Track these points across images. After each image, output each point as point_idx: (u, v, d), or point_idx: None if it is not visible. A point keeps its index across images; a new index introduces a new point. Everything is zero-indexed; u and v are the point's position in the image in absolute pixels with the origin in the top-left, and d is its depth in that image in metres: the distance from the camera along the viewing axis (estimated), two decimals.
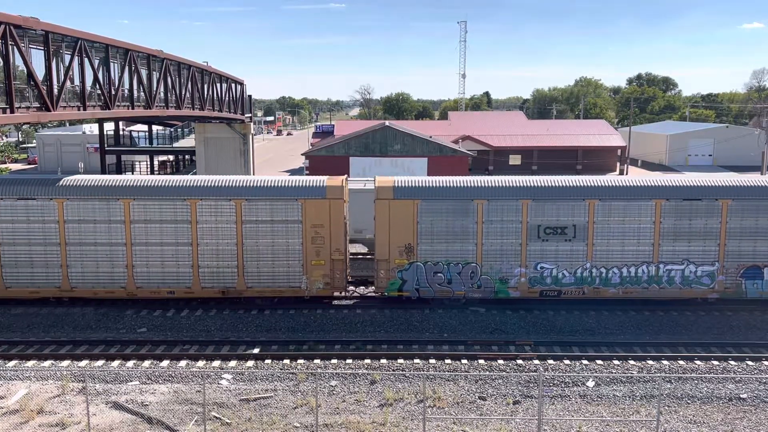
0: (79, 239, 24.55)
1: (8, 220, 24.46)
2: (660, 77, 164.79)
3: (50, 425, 16.60)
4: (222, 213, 24.48)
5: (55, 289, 24.91)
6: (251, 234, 24.54)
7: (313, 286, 24.86)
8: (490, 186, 24.86)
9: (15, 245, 24.59)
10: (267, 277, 24.82)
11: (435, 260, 24.72)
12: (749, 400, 18.06)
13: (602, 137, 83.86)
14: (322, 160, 58.50)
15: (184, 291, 24.98)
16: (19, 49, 20.14)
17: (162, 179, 25.37)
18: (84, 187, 24.67)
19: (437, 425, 16.67)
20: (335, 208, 24.49)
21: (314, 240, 24.52)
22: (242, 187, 24.71)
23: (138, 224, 24.49)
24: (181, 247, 24.64)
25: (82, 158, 77.09)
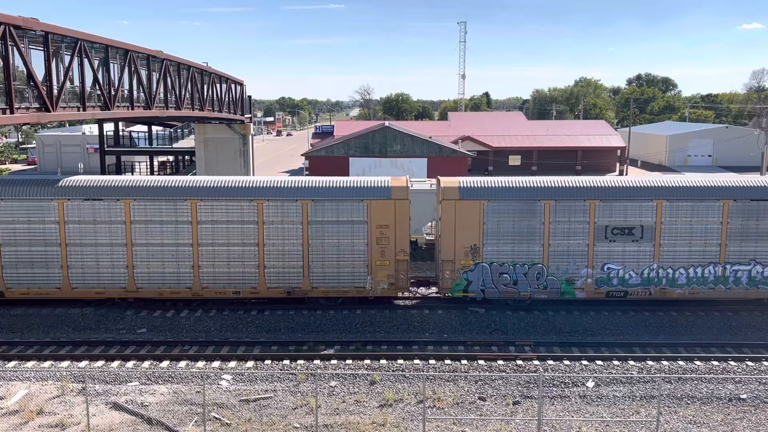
0: (145, 240, 24.57)
1: (75, 221, 24.49)
2: (660, 78, 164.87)
3: (50, 426, 16.60)
4: (289, 213, 24.51)
5: (121, 290, 24.93)
6: (317, 234, 24.59)
7: (378, 286, 24.87)
8: (557, 186, 24.80)
9: (82, 246, 24.58)
10: (332, 278, 24.86)
11: (501, 261, 24.70)
12: (749, 401, 18.06)
13: (602, 138, 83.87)
14: (322, 161, 58.49)
15: (249, 291, 24.97)
16: (19, 49, 20.13)
17: (229, 180, 25.35)
18: (149, 188, 24.71)
19: (437, 426, 16.67)
20: (400, 208, 24.53)
21: (379, 240, 24.58)
22: (309, 188, 24.75)
23: (205, 225, 24.51)
24: (248, 248, 24.64)
25: (82, 159, 77.12)
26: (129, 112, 29.76)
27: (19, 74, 20.86)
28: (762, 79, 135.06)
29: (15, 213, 24.39)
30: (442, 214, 24.79)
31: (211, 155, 50.12)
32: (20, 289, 24.82)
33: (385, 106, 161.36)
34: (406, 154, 57.56)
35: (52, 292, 24.86)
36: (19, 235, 24.50)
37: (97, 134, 60.67)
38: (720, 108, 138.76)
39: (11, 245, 24.54)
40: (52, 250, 24.59)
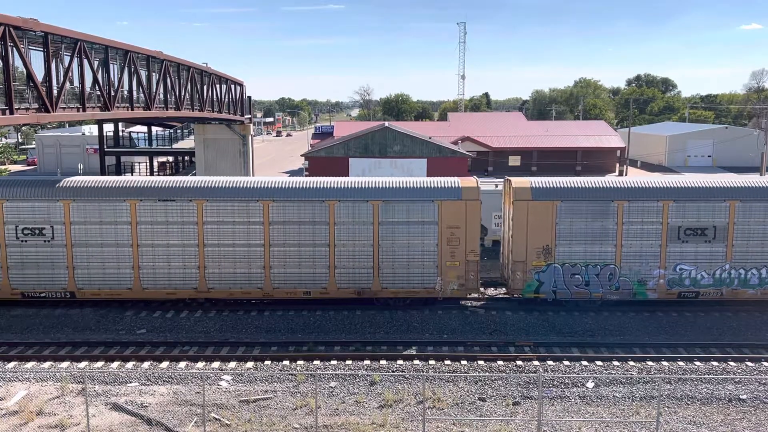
0: (217, 241, 24.60)
1: (148, 221, 24.54)
2: (659, 78, 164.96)
3: (50, 426, 16.59)
4: (359, 214, 24.55)
5: (192, 290, 24.96)
6: (387, 235, 24.62)
7: (448, 287, 24.84)
8: (631, 187, 24.79)
9: (154, 247, 24.66)
10: (402, 278, 24.88)
11: (573, 262, 24.70)
12: (749, 401, 18.06)
13: (601, 138, 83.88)
14: (322, 161, 58.46)
15: (319, 292, 25.00)
16: (19, 50, 20.12)
17: (301, 181, 25.39)
18: (222, 189, 24.77)
19: (437, 426, 16.66)
20: (471, 209, 24.52)
21: (449, 241, 24.55)
22: (380, 189, 24.79)
23: (277, 226, 24.55)
24: (318, 248, 24.67)
25: (82, 159, 77.12)
26: (129, 112, 29.75)
27: (18, 75, 20.85)
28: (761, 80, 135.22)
29: (87, 214, 24.44)
30: (513, 215, 24.76)
31: (210, 156, 50.11)
32: (91, 290, 24.89)
33: (385, 107, 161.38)
34: (405, 155, 57.54)
35: (123, 292, 24.94)
36: (91, 236, 24.54)
37: (96, 135, 60.68)
38: (720, 108, 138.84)
39: (83, 246, 24.59)
40: (124, 251, 24.65)
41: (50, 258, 24.66)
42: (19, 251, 24.61)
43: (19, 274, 24.73)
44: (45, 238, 24.52)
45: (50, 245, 24.57)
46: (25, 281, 24.78)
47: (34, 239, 24.53)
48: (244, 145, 50.79)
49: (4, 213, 24.38)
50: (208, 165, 49.65)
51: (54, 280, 24.79)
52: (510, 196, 25.25)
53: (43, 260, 24.67)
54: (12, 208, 24.40)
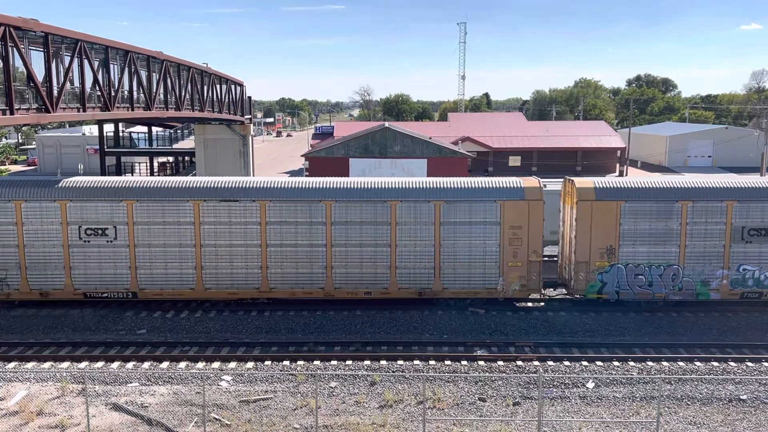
0: (279, 241, 24.61)
1: (211, 222, 24.57)
2: (659, 78, 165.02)
3: (50, 427, 16.59)
4: (421, 214, 24.51)
5: (254, 290, 24.96)
6: (449, 235, 24.55)
7: (510, 287, 24.77)
8: (695, 187, 24.72)
9: (216, 247, 24.65)
10: (463, 279, 24.82)
11: (636, 262, 24.65)
12: (749, 401, 18.06)
13: (602, 138, 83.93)
14: (322, 162, 58.50)
15: (380, 292, 24.97)
16: (19, 50, 20.13)
17: (364, 181, 25.39)
18: (285, 190, 24.76)
19: (437, 426, 16.66)
20: (534, 209, 24.46)
21: (512, 241, 24.48)
22: (443, 189, 24.74)
23: (339, 226, 24.55)
24: (380, 248, 24.67)
25: (82, 160, 77.14)
26: (129, 113, 29.77)
27: (19, 75, 20.87)
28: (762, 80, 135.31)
29: (151, 214, 24.47)
30: (577, 215, 24.68)
31: (211, 156, 50.13)
32: (153, 290, 24.92)
33: (385, 107, 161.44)
34: (406, 155, 57.56)
35: (186, 292, 24.97)
36: (154, 236, 24.56)
37: (97, 135, 60.69)
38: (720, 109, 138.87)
39: (146, 246, 24.61)
40: (187, 251, 24.66)
41: (113, 258, 24.67)
42: (82, 252, 24.61)
43: (82, 275, 24.74)
44: (108, 238, 24.53)
45: (113, 245, 24.59)
46: (87, 282, 24.79)
47: (97, 239, 24.53)
48: (244, 145, 50.81)
49: (68, 213, 24.40)
50: (208, 165, 49.66)
51: (116, 280, 24.81)
52: (573, 197, 25.15)
53: (106, 260, 24.68)
54: (75, 208, 24.40)
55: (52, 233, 24.51)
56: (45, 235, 24.53)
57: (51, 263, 24.66)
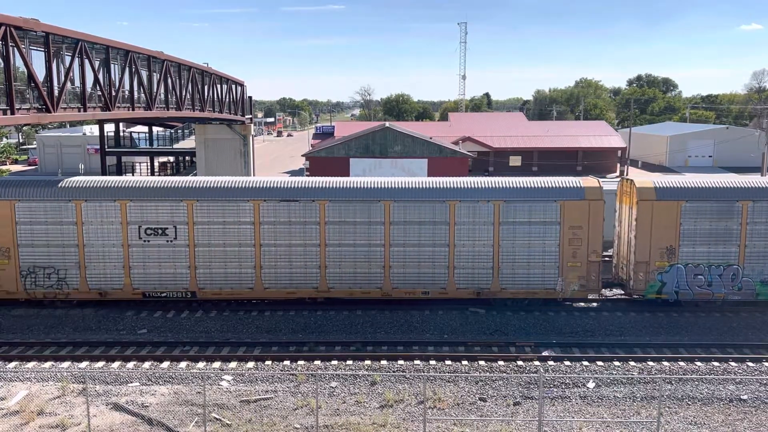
0: (338, 241, 24.63)
1: (271, 221, 24.56)
2: (660, 78, 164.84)
3: (50, 426, 16.60)
4: (480, 214, 24.48)
5: (312, 290, 24.99)
6: (508, 235, 24.54)
7: (569, 288, 24.72)
8: (755, 187, 24.75)
9: (276, 246, 24.68)
10: (522, 279, 24.80)
11: (696, 262, 24.66)
12: (750, 402, 18.05)
13: (602, 138, 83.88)
14: (323, 162, 58.48)
15: (438, 292, 24.94)
16: (20, 50, 20.14)
17: (422, 181, 25.33)
18: (344, 190, 24.85)
19: (437, 426, 16.66)
20: (594, 209, 24.40)
21: (572, 242, 24.45)
22: (502, 189, 24.71)
23: (397, 226, 24.56)
24: (438, 249, 24.63)
25: (83, 159, 77.16)
26: (130, 112, 29.77)
27: (19, 75, 20.87)
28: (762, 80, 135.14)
29: (211, 214, 24.51)
30: (637, 215, 24.67)
31: (211, 156, 50.13)
32: (212, 290, 24.95)
33: (386, 107, 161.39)
34: (406, 155, 57.54)
35: (244, 292, 25.02)
36: (214, 236, 24.60)
37: (97, 135, 60.72)
38: (720, 109, 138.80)
39: (205, 246, 24.65)
40: (247, 251, 24.70)
41: (172, 258, 24.71)
42: (141, 251, 24.67)
43: (141, 274, 24.79)
44: (168, 238, 24.58)
45: (173, 245, 24.63)
46: (146, 281, 24.84)
47: (157, 239, 24.59)
48: (244, 145, 50.80)
49: (128, 213, 24.48)
50: (208, 165, 49.66)
51: (176, 280, 24.84)
52: (633, 197, 25.16)
53: (166, 260, 24.72)
54: (135, 208, 24.48)
55: (112, 233, 24.58)
56: (105, 235, 24.61)
57: (110, 263, 24.72)
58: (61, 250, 24.63)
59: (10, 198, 24.39)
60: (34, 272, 24.73)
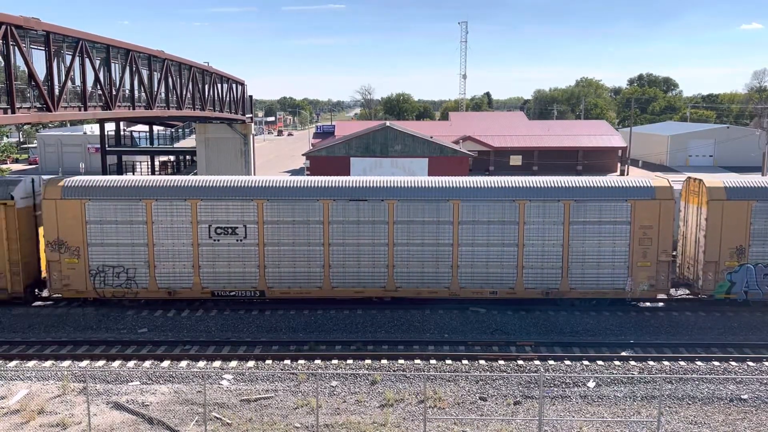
0: (406, 240, 24.63)
1: (339, 221, 24.62)
2: (661, 78, 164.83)
3: (51, 425, 16.61)
4: (550, 214, 24.45)
5: (380, 289, 24.98)
6: (578, 235, 24.48)
7: (638, 288, 24.65)
8: None
9: (344, 246, 24.69)
10: (591, 279, 24.74)
11: (766, 262, 24.64)
12: (750, 401, 18.05)
13: (603, 138, 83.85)
14: (323, 161, 58.46)
15: (506, 292, 24.90)
16: (21, 49, 20.16)
17: (491, 180, 25.26)
18: (413, 189, 24.75)
19: (438, 426, 16.66)
20: (665, 209, 24.31)
21: (642, 241, 24.37)
22: (572, 188, 24.66)
23: (466, 225, 24.53)
24: (507, 248, 24.60)
25: (83, 158, 77.19)
26: (130, 112, 29.80)
27: (20, 74, 20.89)
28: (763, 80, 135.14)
29: (281, 213, 24.54)
30: (707, 215, 24.63)
31: (212, 155, 50.17)
32: (281, 289, 24.98)
33: (386, 106, 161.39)
34: (407, 154, 57.53)
35: (313, 291, 25.02)
36: (283, 235, 24.63)
37: (98, 134, 60.76)
38: (721, 108, 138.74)
39: (274, 245, 24.68)
40: (315, 250, 24.71)
41: (242, 257, 24.73)
42: (211, 250, 24.68)
43: (211, 273, 24.80)
44: (237, 237, 24.59)
45: (242, 244, 24.64)
46: (216, 280, 24.86)
47: (227, 238, 24.60)
48: (245, 144, 50.84)
49: (198, 212, 24.48)
50: (209, 164, 49.71)
51: (245, 279, 24.85)
52: (702, 196, 25.11)
53: (235, 259, 24.74)
54: (206, 207, 24.49)
55: (182, 232, 24.60)
56: (175, 234, 24.63)
57: (180, 262, 24.75)
58: (131, 249, 24.66)
59: (81, 197, 24.40)
60: (103, 271, 24.75)
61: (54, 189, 24.46)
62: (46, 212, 24.47)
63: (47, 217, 24.46)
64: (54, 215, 24.37)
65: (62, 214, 24.35)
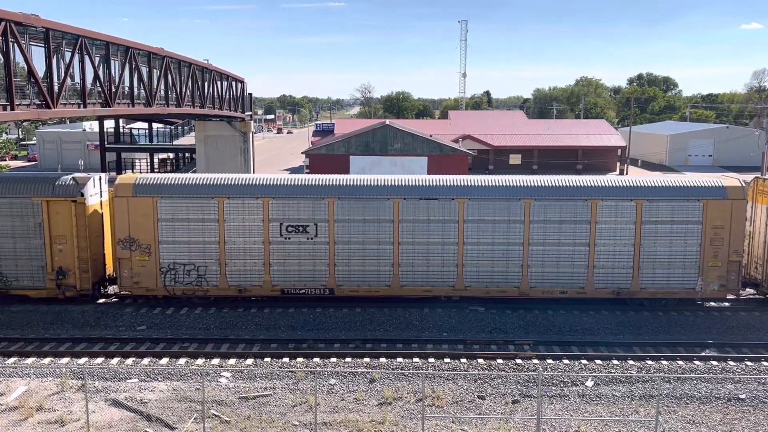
0: (476, 239, 24.58)
1: (410, 219, 24.56)
2: (660, 77, 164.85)
3: (49, 422, 16.61)
4: (622, 213, 24.39)
5: (449, 288, 24.94)
6: (650, 234, 24.43)
7: (708, 288, 24.64)
8: None
9: (414, 244, 24.67)
10: (661, 279, 24.73)
11: None
12: (748, 401, 18.07)
13: (602, 137, 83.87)
14: (323, 159, 58.48)
15: (576, 291, 24.87)
16: (20, 46, 20.12)
17: (563, 179, 25.22)
18: (484, 188, 24.75)
19: (436, 424, 16.68)
20: (737, 208, 24.30)
21: (713, 241, 24.34)
22: (644, 188, 24.65)
23: (537, 224, 24.49)
24: (578, 248, 24.59)
25: (82, 155, 77.12)
26: (130, 109, 29.75)
27: (19, 71, 20.85)
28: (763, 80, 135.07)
29: (351, 211, 24.56)
30: None
31: (211, 153, 50.16)
32: (350, 287, 24.98)
33: (386, 105, 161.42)
34: (406, 153, 57.55)
35: (382, 289, 24.99)
36: (354, 234, 24.63)
37: (97, 131, 60.71)
38: (720, 108, 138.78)
39: (345, 243, 24.67)
40: (385, 248, 24.71)
41: (312, 255, 24.72)
42: (281, 249, 24.67)
43: (281, 271, 24.80)
44: (308, 235, 24.59)
45: (313, 243, 24.64)
46: (285, 278, 24.86)
47: (298, 237, 24.59)
48: (244, 142, 50.82)
49: (270, 211, 24.48)
50: (208, 162, 49.69)
51: (315, 277, 24.85)
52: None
53: (305, 258, 24.75)
54: (277, 205, 24.48)
55: (254, 230, 24.58)
56: (246, 232, 24.61)
57: (251, 260, 24.74)
58: (202, 247, 24.65)
59: (153, 195, 24.40)
60: (174, 269, 24.75)
61: (125, 186, 24.49)
62: (118, 210, 24.49)
63: (118, 214, 24.49)
64: (125, 213, 24.38)
65: (134, 211, 24.35)
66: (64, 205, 24.56)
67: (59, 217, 24.59)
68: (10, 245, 24.84)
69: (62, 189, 24.69)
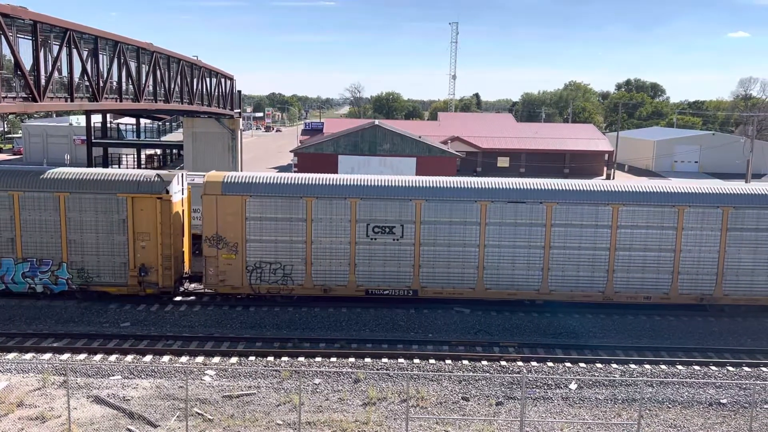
0: (562, 243, 24.60)
1: (496, 222, 24.58)
2: (648, 83, 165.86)
3: (30, 418, 16.45)
4: (708, 220, 24.53)
5: (533, 291, 24.98)
6: (735, 242, 24.60)
7: None
8: None
9: (500, 247, 24.63)
10: (745, 286, 24.91)
11: None
12: (729, 405, 18.23)
13: (590, 141, 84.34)
14: (311, 158, 58.42)
15: (660, 297, 24.95)
16: (7, 38, 19.94)
17: (649, 185, 25.21)
18: (571, 192, 24.70)
19: (420, 425, 16.69)
20: None
21: None
22: (731, 195, 24.70)
23: (624, 230, 24.51)
24: (663, 254, 24.63)
25: (69, 150, 76.49)
26: (117, 104, 29.58)
27: (6, 63, 20.68)
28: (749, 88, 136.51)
29: (438, 213, 24.50)
30: None
31: (199, 149, 49.98)
32: (434, 289, 24.88)
33: (375, 105, 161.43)
34: (395, 153, 57.63)
35: (465, 292, 24.92)
36: (439, 236, 24.55)
37: (84, 125, 60.21)
38: (707, 115, 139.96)
39: (430, 245, 24.58)
40: (471, 251, 24.62)
41: (397, 256, 24.65)
42: (367, 249, 24.61)
43: (366, 272, 24.72)
44: (394, 236, 24.52)
45: (398, 244, 24.57)
46: (370, 279, 24.77)
47: (384, 237, 24.52)
48: (232, 139, 50.67)
49: (357, 211, 24.39)
50: (196, 158, 49.48)
51: (399, 278, 24.77)
52: None
53: (391, 258, 24.66)
54: (365, 206, 24.40)
55: (341, 230, 24.51)
56: (333, 232, 24.53)
57: (337, 260, 24.65)
58: (289, 246, 24.56)
59: (242, 193, 24.25)
60: (260, 267, 24.67)
61: (214, 184, 24.38)
62: (206, 208, 24.37)
63: (206, 212, 24.37)
64: (213, 211, 24.28)
65: (222, 209, 24.25)
66: (149, 201, 24.39)
67: (143, 213, 24.44)
68: (92, 241, 24.65)
69: (148, 185, 24.53)
